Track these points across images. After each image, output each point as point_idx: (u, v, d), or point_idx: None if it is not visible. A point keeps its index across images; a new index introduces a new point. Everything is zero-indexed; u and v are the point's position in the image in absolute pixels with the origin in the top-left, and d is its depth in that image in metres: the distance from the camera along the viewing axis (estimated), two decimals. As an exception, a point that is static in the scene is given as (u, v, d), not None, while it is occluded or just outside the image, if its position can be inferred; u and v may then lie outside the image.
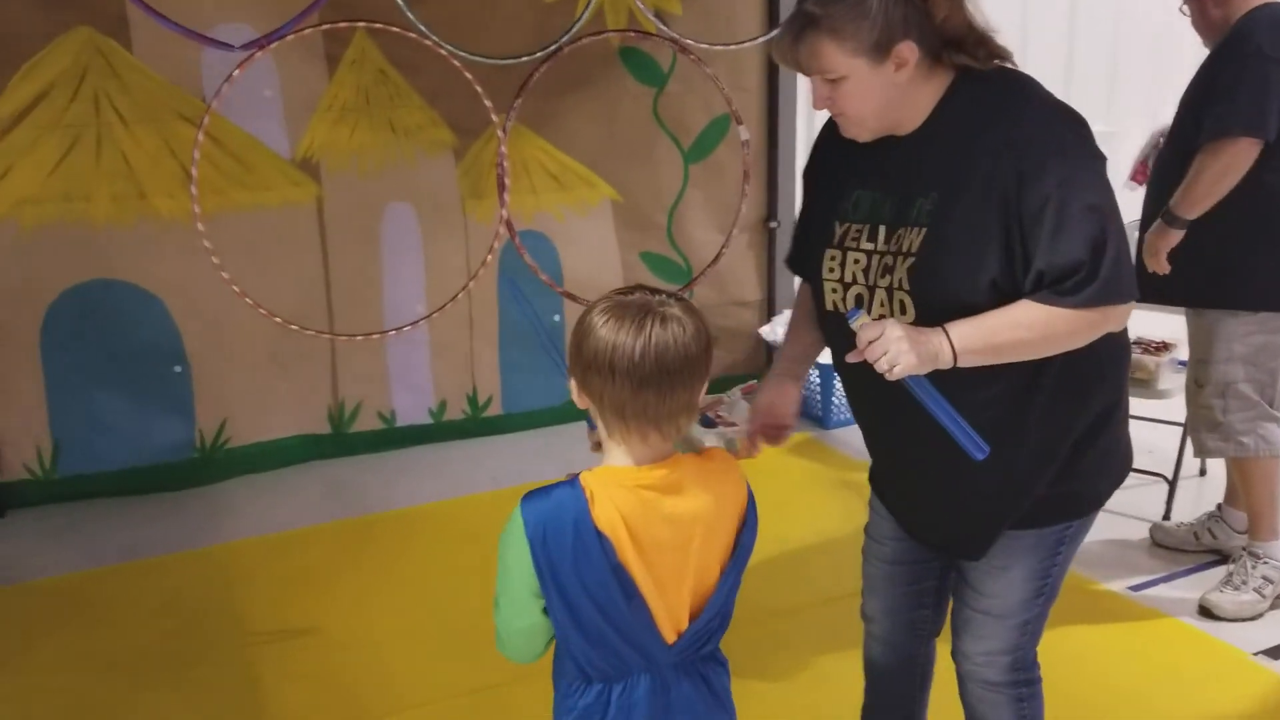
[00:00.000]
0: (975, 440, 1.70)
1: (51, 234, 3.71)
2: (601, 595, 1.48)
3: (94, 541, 3.69)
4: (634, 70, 4.38)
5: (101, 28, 3.63)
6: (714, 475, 1.56)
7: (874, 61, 1.75)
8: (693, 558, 1.53)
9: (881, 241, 1.85)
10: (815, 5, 1.75)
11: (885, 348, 1.68)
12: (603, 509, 1.47)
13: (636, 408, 1.45)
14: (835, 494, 3.96)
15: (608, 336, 1.44)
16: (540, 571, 1.47)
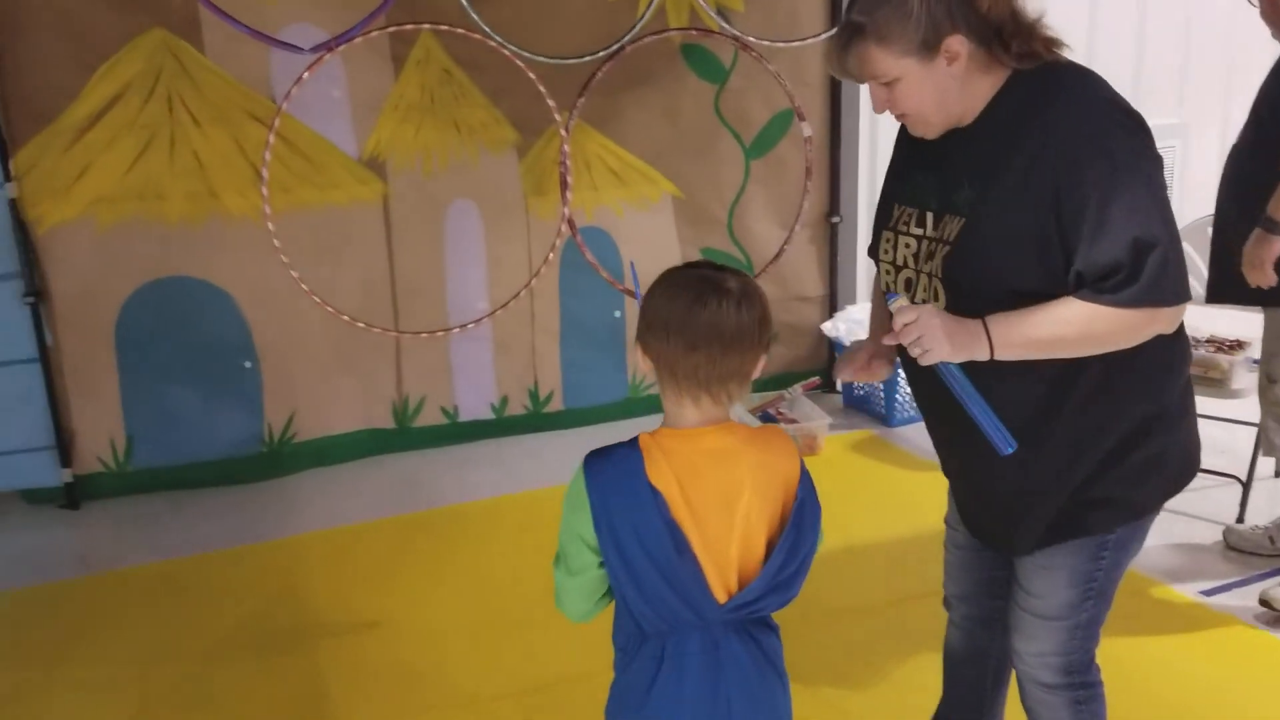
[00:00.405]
0: (1004, 435, 1.71)
1: (126, 232, 3.80)
2: (656, 549, 1.56)
3: (166, 533, 3.78)
4: (695, 67, 4.37)
5: (175, 29, 3.71)
6: (765, 444, 1.63)
7: (924, 59, 1.75)
8: (738, 520, 1.58)
9: (930, 227, 1.87)
10: (859, 13, 1.77)
11: (919, 332, 1.69)
12: (657, 467, 1.56)
13: (687, 369, 1.55)
14: (901, 492, 3.93)
15: (668, 301, 1.56)
16: (599, 527, 1.56)
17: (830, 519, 1.69)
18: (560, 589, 1.67)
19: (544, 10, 4.03)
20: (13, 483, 3.95)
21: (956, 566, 2.21)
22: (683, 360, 1.55)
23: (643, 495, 1.55)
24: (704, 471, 1.57)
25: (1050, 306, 1.72)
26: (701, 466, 1.57)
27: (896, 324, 1.72)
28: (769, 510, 1.62)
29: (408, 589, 3.34)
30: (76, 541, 3.78)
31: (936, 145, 1.89)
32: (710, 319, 1.54)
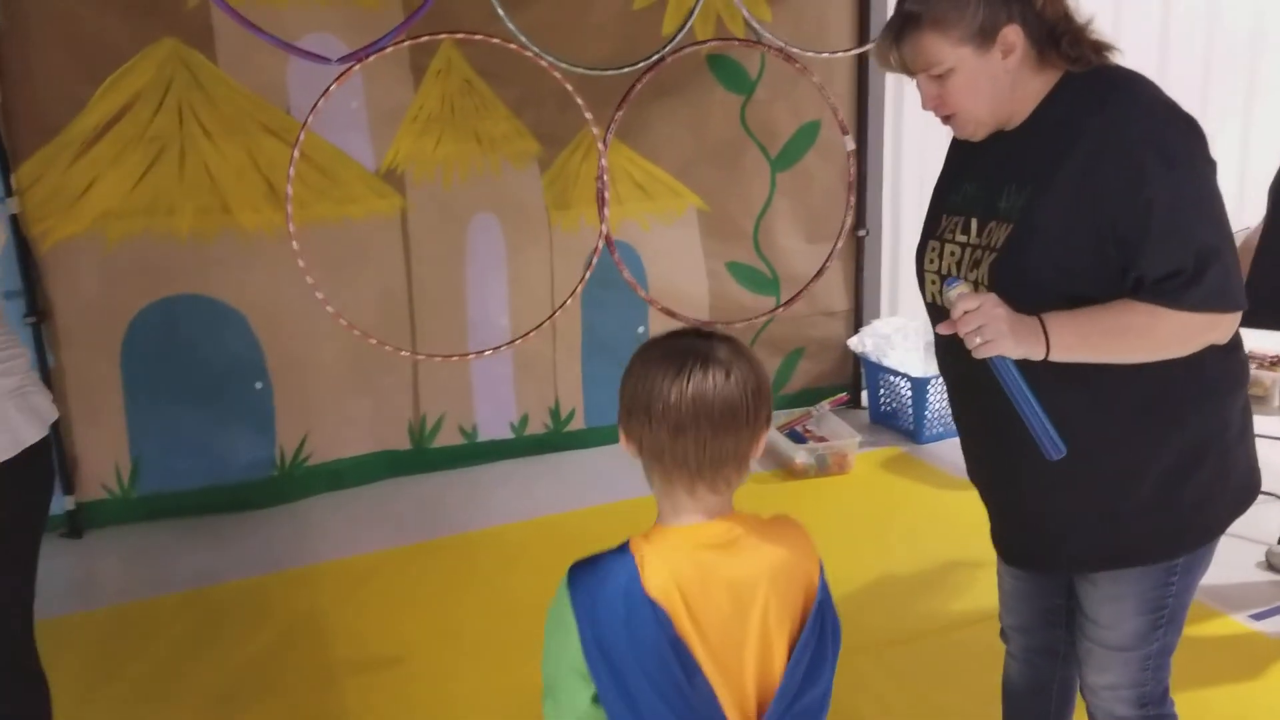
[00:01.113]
0: (1053, 438, 1.62)
1: (135, 248, 3.64)
2: (660, 675, 1.33)
3: (173, 563, 3.61)
4: (722, 78, 4.25)
5: (187, 39, 3.55)
6: (778, 537, 1.44)
7: (980, 48, 1.70)
8: (754, 629, 1.38)
9: (974, 234, 1.80)
10: (914, 3, 1.72)
11: (982, 320, 1.61)
12: (655, 574, 1.34)
13: (676, 455, 1.36)
14: (934, 512, 3.80)
15: (646, 379, 1.37)
16: (589, 652, 1.34)
17: (866, 541, 1.59)
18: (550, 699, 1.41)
19: (569, 18, 3.91)
20: (14, 510, 3.78)
21: (1014, 596, 2.10)
22: (670, 446, 1.35)
23: (640, 612, 1.33)
24: (709, 572, 1.36)
25: (1109, 308, 1.66)
26: (706, 567, 1.36)
27: (956, 312, 1.63)
28: (789, 615, 1.40)
29: (427, 621, 3.20)
30: (79, 573, 3.61)
31: (984, 151, 1.83)
32: (696, 395, 1.34)
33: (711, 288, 4.46)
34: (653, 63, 3.37)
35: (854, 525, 3.69)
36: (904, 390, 4.41)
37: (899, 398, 4.46)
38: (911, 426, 4.42)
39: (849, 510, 3.83)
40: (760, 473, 4.16)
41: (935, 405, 4.34)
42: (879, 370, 4.52)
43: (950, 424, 4.35)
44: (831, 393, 4.54)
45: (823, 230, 4.56)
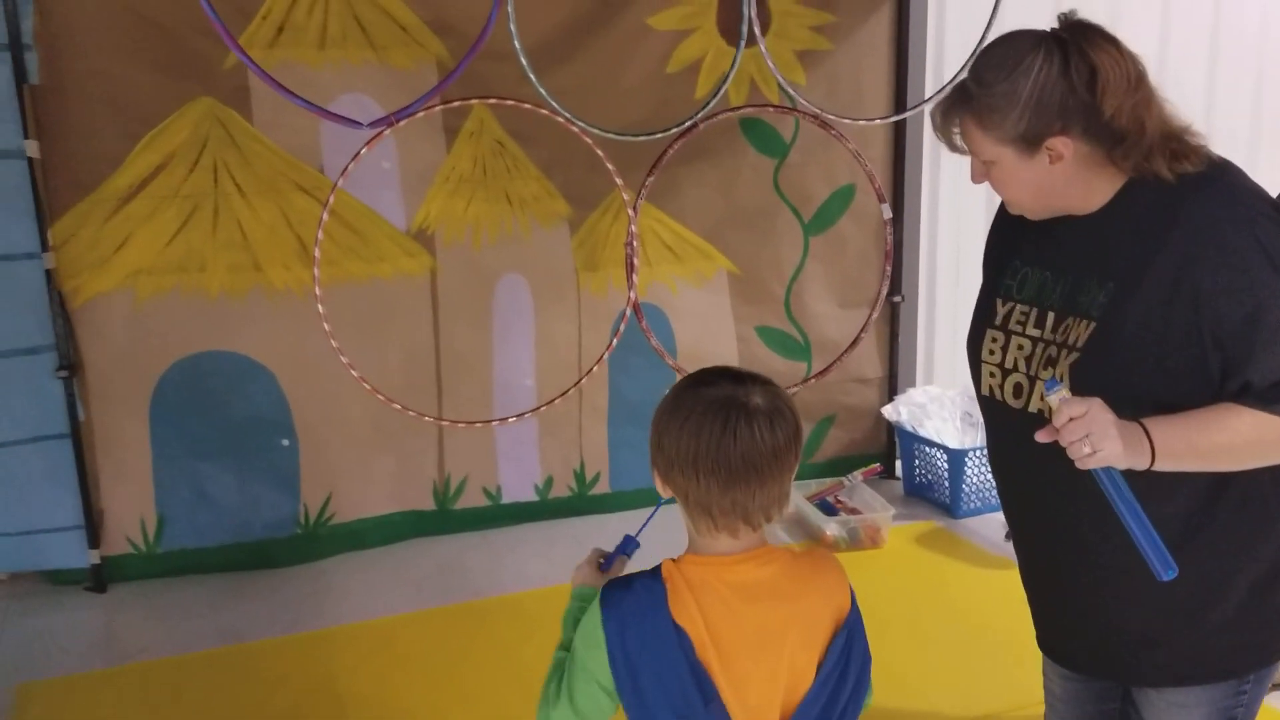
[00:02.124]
0: (1165, 556, 1.50)
1: (166, 304, 3.66)
2: (678, 696, 1.40)
3: (195, 621, 3.58)
4: (755, 141, 4.23)
5: (223, 98, 3.59)
6: (811, 572, 1.48)
7: (1023, 153, 1.62)
8: (785, 663, 1.43)
9: (1049, 329, 1.70)
10: (972, 80, 1.65)
11: (1089, 428, 1.50)
12: (681, 601, 1.41)
13: (725, 505, 1.40)
14: (972, 592, 3.68)
15: (688, 434, 1.40)
16: (616, 668, 1.41)
17: (899, 622, 1.52)
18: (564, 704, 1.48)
19: (600, 83, 3.92)
20: (38, 563, 3.77)
21: (1063, 700, 1.99)
22: (719, 499, 1.40)
23: (665, 634, 1.40)
24: (737, 609, 1.41)
25: (1213, 414, 1.57)
26: (734, 603, 1.41)
27: (1060, 418, 1.52)
28: (818, 647, 1.45)
29: (449, 686, 3.13)
30: (102, 628, 3.59)
31: (1052, 237, 1.73)
32: (745, 452, 1.39)
33: (741, 352, 4.40)
34: (685, 128, 3.37)
35: (886, 604, 3.55)
36: (940, 462, 4.30)
37: (935, 469, 4.36)
38: (948, 500, 4.30)
39: (881, 587, 3.69)
40: (789, 544, 4.07)
41: (973, 478, 4.23)
42: (914, 440, 4.42)
43: (989, 498, 4.24)
44: (863, 462, 4.44)
45: (856, 295, 4.50)
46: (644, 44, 4.00)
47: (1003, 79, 1.61)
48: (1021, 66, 1.60)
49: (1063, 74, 1.59)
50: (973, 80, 1.66)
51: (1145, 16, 4.70)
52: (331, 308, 3.68)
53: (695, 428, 1.40)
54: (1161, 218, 1.61)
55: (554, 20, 3.84)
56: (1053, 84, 1.59)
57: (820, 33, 4.20)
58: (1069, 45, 1.60)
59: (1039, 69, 1.59)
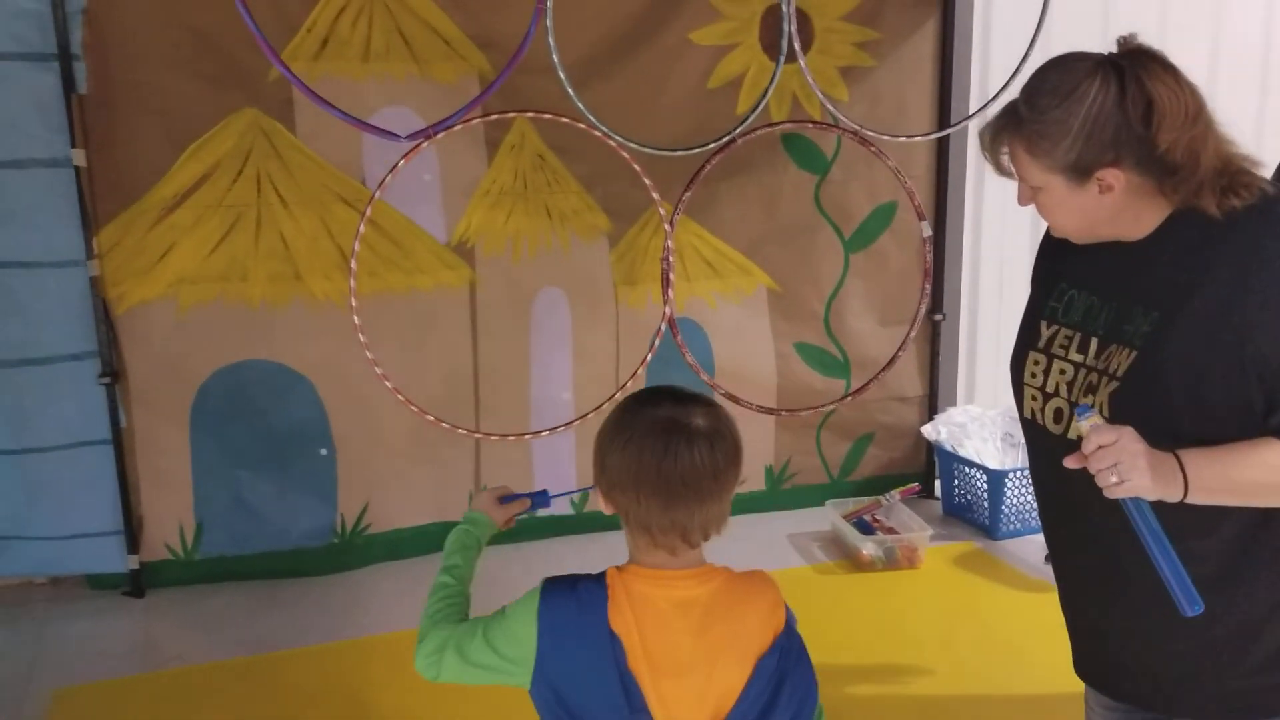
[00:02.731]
0: (1191, 591, 1.47)
1: (208, 313, 3.69)
2: (603, 700, 1.44)
3: (232, 627, 3.61)
4: (796, 157, 4.21)
5: (267, 109, 3.62)
6: (747, 593, 1.51)
7: (1072, 181, 1.59)
8: (715, 680, 1.46)
9: (1091, 355, 1.67)
10: (1024, 104, 1.61)
11: (1118, 458, 1.47)
12: (619, 611, 1.45)
13: (664, 524, 1.44)
14: (1010, 615, 3.62)
15: (632, 456, 1.45)
16: (541, 666, 1.46)
17: (935, 644, 1.50)
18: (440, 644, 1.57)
19: (643, 97, 3.92)
20: (78, 567, 3.81)
21: None
22: (658, 518, 1.44)
23: (600, 639, 1.44)
24: (673, 623, 1.45)
25: (1252, 448, 1.52)
26: (671, 617, 1.45)
27: (1089, 445, 1.50)
28: (733, 678, 1.47)
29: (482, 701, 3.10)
30: (139, 633, 3.62)
31: (1098, 261, 1.70)
32: (685, 473, 1.43)
33: (779, 368, 4.37)
34: (723, 144, 3.36)
35: (922, 625, 3.54)
36: (980, 482, 4.25)
37: (974, 490, 4.30)
38: (987, 521, 4.24)
39: (918, 608, 3.67)
40: (825, 563, 4.03)
41: (1013, 499, 4.17)
42: (953, 460, 4.37)
43: (1029, 520, 4.18)
44: (902, 481, 4.39)
45: (896, 313, 4.45)
46: (685, 59, 3.99)
47: (1055, 105, 1.57)
48: (1076, 94, 1.56)
49: (1118, 104, 1.54)
50: (1025, 104, 1.62)
51: (1194, 32, 4.64)
52: (371, 318, 3.71)
53: (637, 449, 1.44)
54: (1209, 248, 1.58)
55: (595, 35, 3.85)
56: (1107, 115, 1.55)
57: (863, 49, 4.17)
58: (1126, 74, 1.55)
59: (1094, 98, 1.55)
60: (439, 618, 1.61)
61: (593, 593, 1.47)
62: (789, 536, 4.25)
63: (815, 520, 4.35)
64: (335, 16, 3.61)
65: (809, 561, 4.05)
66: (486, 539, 1.81)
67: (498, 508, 1.83)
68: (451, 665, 1.55)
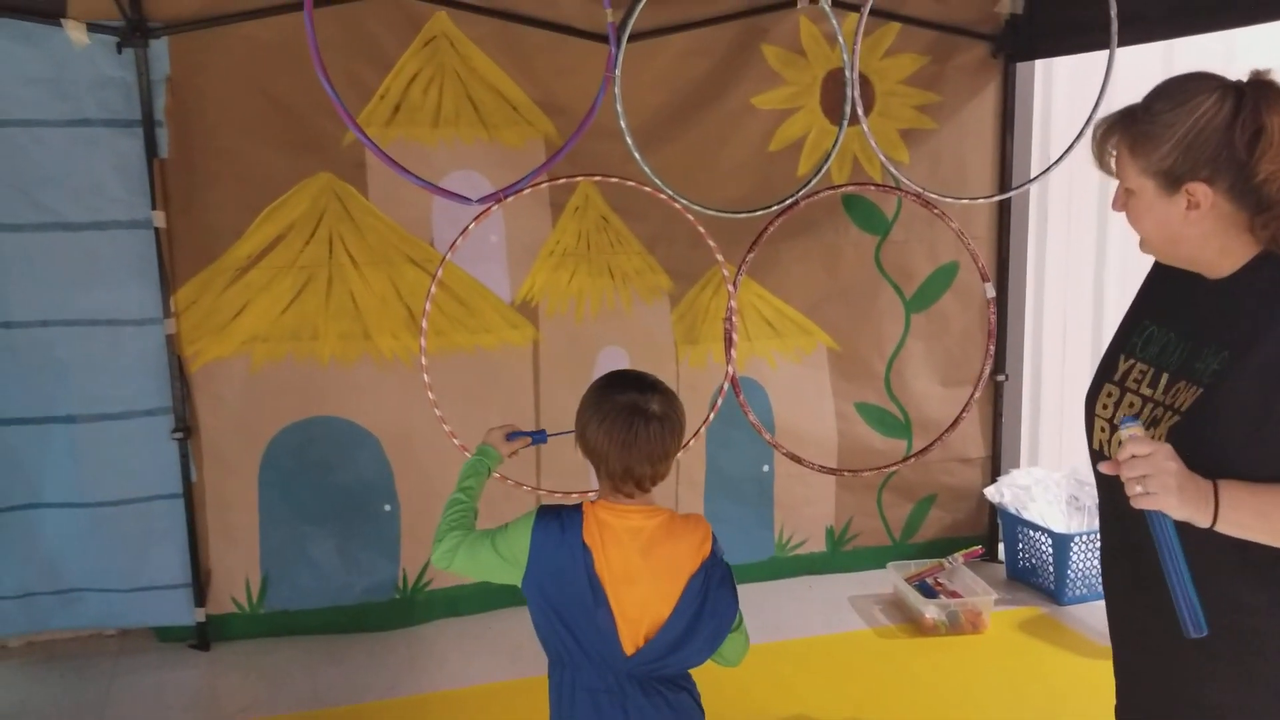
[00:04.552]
0: (1196, 614, 1.49)
1: (279, 371, 3.78)
2: (575, 593, 1.91)
3: (295, 682, 3.65)
4: (857, 218, 4.24)
5: (341, 173, 3.73)
6: (683, 527, 1.99)
7: (1162, 189, 1.61)
8: (656, 589, 1.92)
9: (1160, 390, 1.69)
10: (1141, 105, 1.64)
11: (1148, 470, 1.49)
12: (590, 531, 1.94)
13: (626, 478, 1.95)
14: (1077, 683, 3.54)
15: (605, 433, 1.94)
16: (532, 562, 1.95)
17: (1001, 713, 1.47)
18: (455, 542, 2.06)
19: (703, 160, 3.98)
20: (147, 620, 3.87)
21: None
22: (620, 473, 1.94)
23: (576, 548, 1.92)
24: (626, 543, 1.93)
25: None
26: (625, 539, 1.93)
27: (1124, 453, 1.52)
28: (678, 581, 1.93)
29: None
30: (205, 686, 3.67)
31: (1183, 299, 1.72)
32: (643, 447, 1.92)
33: (840, 428, 4.36)
34: (785, 206, 3.39)
35: (987, 693, 3.48)
36: (1045, 546, 4.19)
37: (1039, 554, 4.24)
38: (1052, 586, 4.17)
39: (982, 675, 3.61)
40: (886, 626, 3.98)
41: (1079, 564, 4.10)
42: (1017, 523, 4.31)
43: (1095, 585, 4.11)
44: (964, 544, 4.34)
45: (958, 374, 4.44)
46: (747, 123, 4.05)
47: (1168, 110, 1.60)
48: (1190, 104, 1.58)
49: (1228, 124, 1.56)
50: (1142, 105, 1.65)
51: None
52: (437, 376, 3.75)
53: (609, 427, 1.93)
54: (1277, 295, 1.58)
55: (659, 100, 3.92)
56: (1213, 130, 1.57)
57: (924, 112, 4.20)
58: (1245, 98, 1.57)
59: (1205, 111, 1.57)
60: (454, 525, 2.11)
61: (572, 517, 1.96)
62: (850, 599, 4.21)
63: (877, 582, 4.31)
64: (408, 84, 3.72)
65: (870, 624, 4.00)
66: (496, 467, 2.33)
67: (505, 443, 2.38)
68: (462, 559, 2.05)
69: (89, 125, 3.51)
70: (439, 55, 3.74)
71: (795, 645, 3.73)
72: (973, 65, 4.23)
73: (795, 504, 4.39)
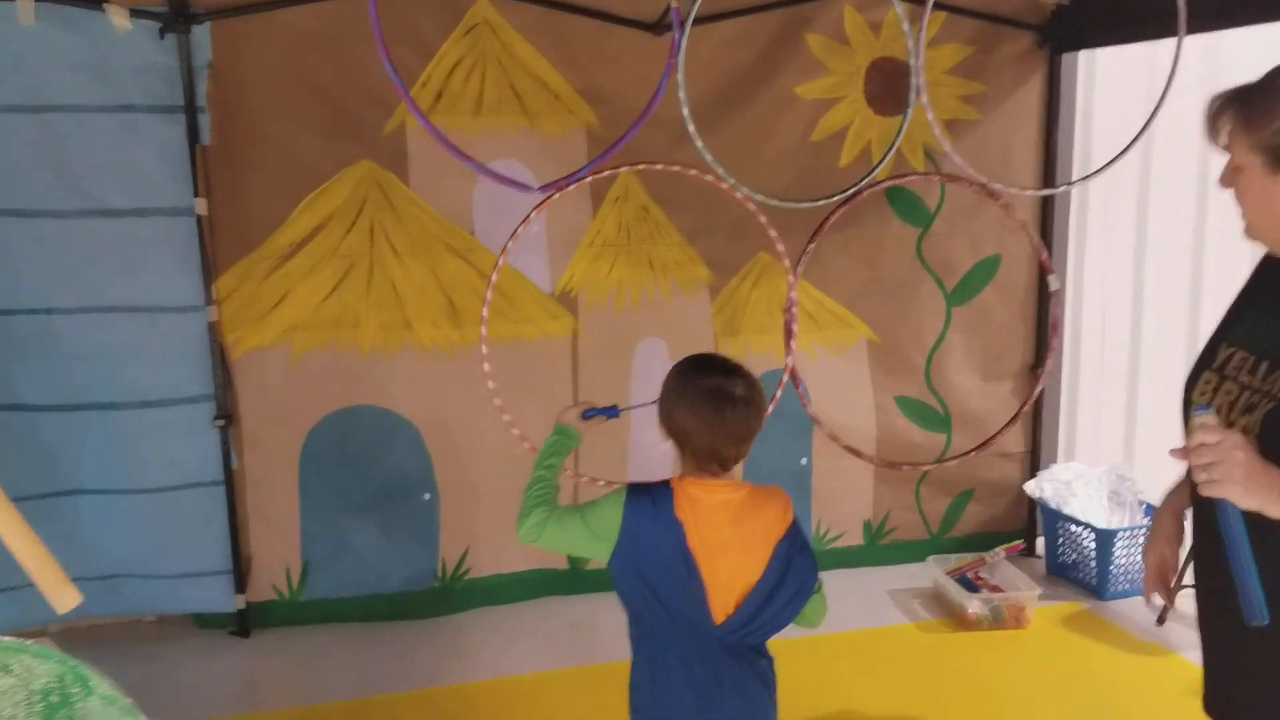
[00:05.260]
0: (1257, 601, 1.50)
1: (319, 359, 3.77)
2: (670, 566, 1.98)
3: (334, 670, 3.65)
4: (899, 209, 4.19)
5: (382, 162, 3.71)
6: (766, 498, 2.06)
7: (1268, 166, 1.61)
8: (745, 558, 2.00)
9: (1260, 377, 1.67)
10: (1260, 79, 1.64)
11: (1216, 457, 1.50)
12: (680, 505, 2.01)
13: (711, 459, 2.03)
14: (1124, 679, 3.52)
15: (694, 417, 2.02)
16: (621, 544, 2.01)
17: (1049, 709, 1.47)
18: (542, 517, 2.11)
19: (745, 149, 3.93)
20: (188, 606, 3.88)
21: None
22: (706, 457, 2.02)
23: (670, 524, 1.99)
24: (715, 517, 2.00)
25: None
26: (714, 512, 2.00)
27: (1193, 439, 1.53)
28: (763, 551, 2.02)
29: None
30: (245, 673, 3.68)
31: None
32: (730, 430, 2.00)
33: (879, 421, 4.33)
34: (848, 195, 3.37)
35: (1033, 689, 3.46)
36: (1087, 541, 4.15)
37: (1080, 549, 4.20)
38: (1094, 581, 4.13)
39: (1027, 671, 3.58)
40: (928, 620, 3.96)
41: (1122, 559, 4.07)
42: (1058, 518, 4.27)
43: (1138, 582, 4.07)
44: (1002, 539, 4.31)
45: (998, 368, 4.40)
46: (790, 113, 4.01)
47: None
48: None
49: None
50: (1259, 81, 1.65)
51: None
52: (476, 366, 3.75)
53: (697, 410, 2.01)
54: None
55: (701, 89, 3.88)
56: None
57: (969, 102, 4.16)
58: None
59: None
60: (539, 501, 2.15)
61: (663, 494, 2.03)
62: (890, 592, 4.19)
63: (916, 576, 4.28)
64: (449, 71, 3.70)
65: (911, 618, 3.98)
66: (574, 445, 2.35)
67: (581, 421, 2.39)
68: (551, 532, 2.10)
69: (132, 111, 3.50)
70: (481, 43, 3.72)
71: (836, 639, 3.71)
72: (1018, 55, 4.18)
73: (833, 497, 4.37)
